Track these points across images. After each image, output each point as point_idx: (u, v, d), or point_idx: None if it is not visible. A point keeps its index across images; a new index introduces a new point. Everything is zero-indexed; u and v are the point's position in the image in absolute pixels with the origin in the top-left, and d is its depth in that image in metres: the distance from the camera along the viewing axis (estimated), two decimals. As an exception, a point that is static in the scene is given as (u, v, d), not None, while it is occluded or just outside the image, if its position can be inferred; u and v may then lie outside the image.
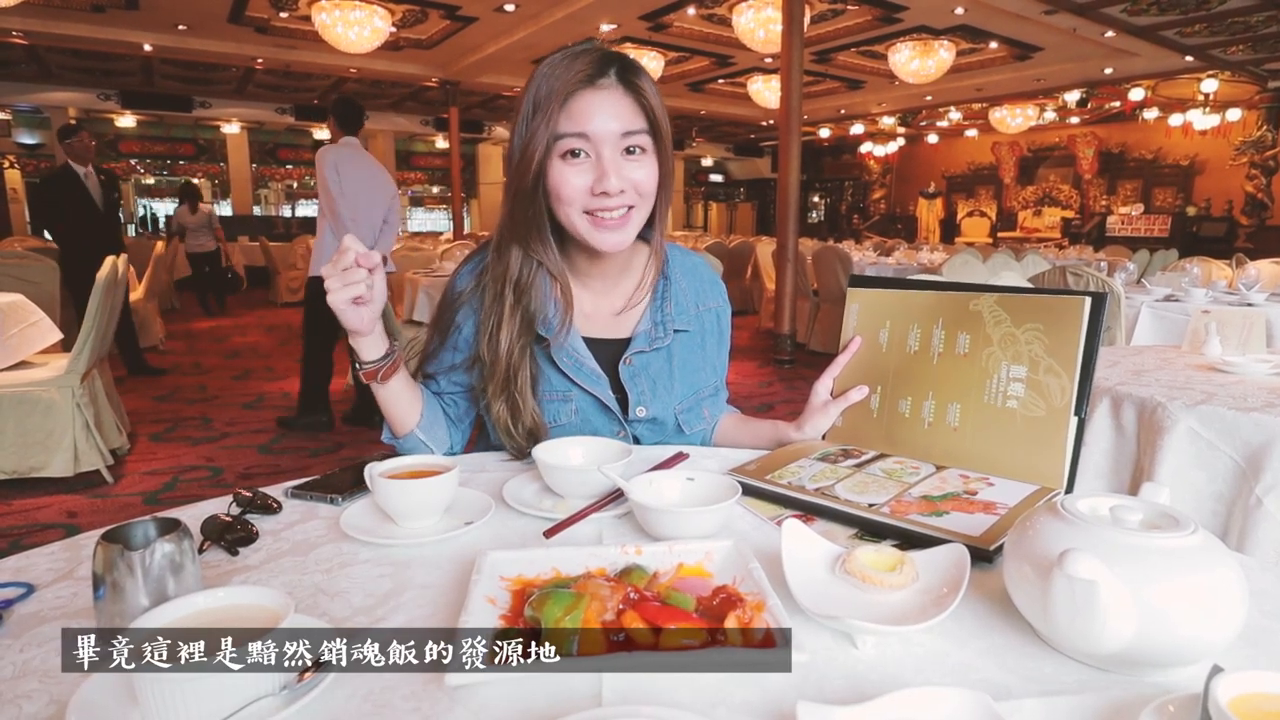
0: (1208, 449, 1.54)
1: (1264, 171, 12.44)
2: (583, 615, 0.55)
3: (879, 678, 0.54)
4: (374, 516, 0.83)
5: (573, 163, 0.98)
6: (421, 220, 19.72)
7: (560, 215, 1.01)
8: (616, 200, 0.98)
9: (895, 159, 17.86)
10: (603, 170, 0.97)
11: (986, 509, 0.80)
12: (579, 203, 0.99)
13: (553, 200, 1.00)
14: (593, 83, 0.97)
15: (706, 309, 1.19)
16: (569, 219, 1.00)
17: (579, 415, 1.09)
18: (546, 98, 0.96)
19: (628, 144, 0.98)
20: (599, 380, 1.08)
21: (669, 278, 1.15)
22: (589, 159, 0.98)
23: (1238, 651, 0.57)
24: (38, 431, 3.05)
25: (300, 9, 8.34)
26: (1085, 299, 0.87)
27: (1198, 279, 3.77)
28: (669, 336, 1.12)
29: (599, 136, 0.96)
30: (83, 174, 4.81)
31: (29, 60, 10.80)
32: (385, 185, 4.10)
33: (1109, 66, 10.37)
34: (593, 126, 0.96)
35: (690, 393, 1.15)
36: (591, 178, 0.97)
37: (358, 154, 4.01)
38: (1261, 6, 7.68)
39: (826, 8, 8.29)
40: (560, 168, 0.98)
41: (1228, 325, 2.09)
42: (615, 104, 0.97)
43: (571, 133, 0.96)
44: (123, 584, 0.57)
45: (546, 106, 0.95)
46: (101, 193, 4.90)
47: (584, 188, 0.98)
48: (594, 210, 0.99)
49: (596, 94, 0.97)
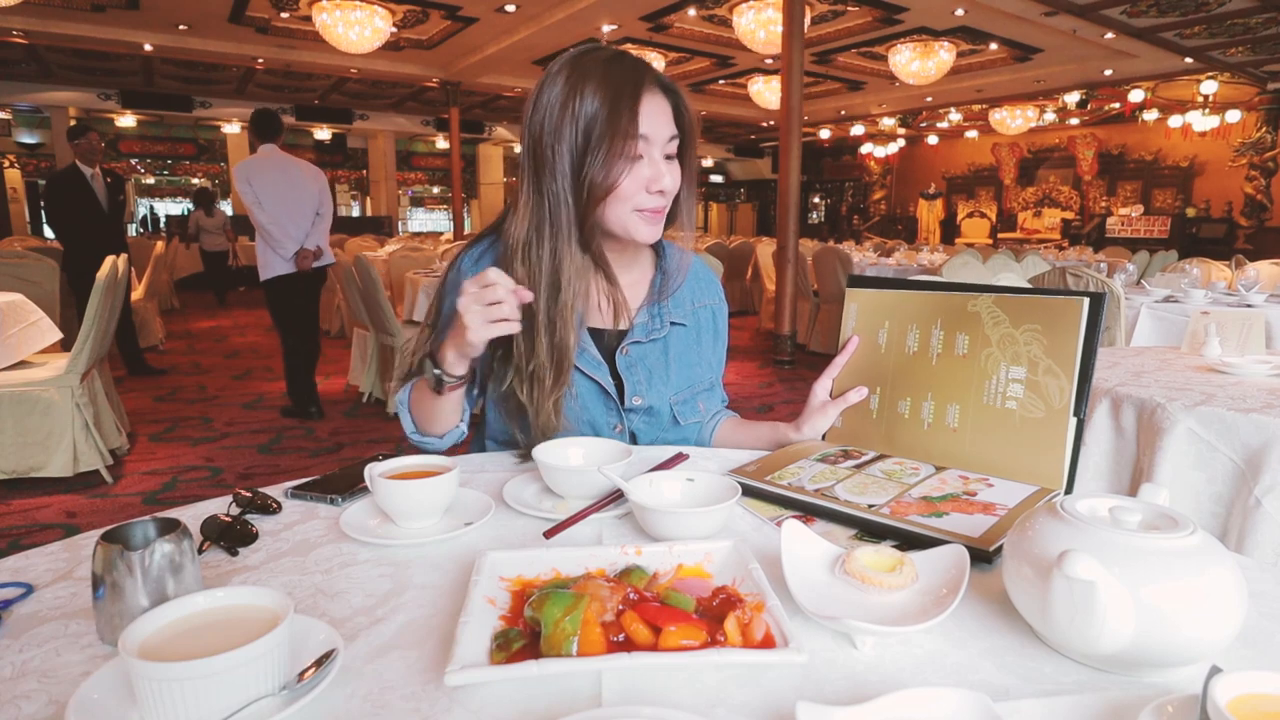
0: (1207, 450, 1.54)
1: (1263, 173, 12.44)
2: (582, 616, 0.55)
3: (878, 678, 0.54)
4: (374, 517, 0.83)
5: (636, 162, 1.02)
6: (422, 220, 19.72)
7: (609, 211, 1.04)
8: (666, 200, 1.05)
9: (895, 160, 17.87)
10: (659, 171, 1.02)
11: (986, 510, 0.80)
12: (634, 200, 1.03)
13: (608, 196, 1.02)
14: (650, 87, 1.01)
15: (703, 306, 1.22)
16: (618, 214, 1.04)
17: (578, 402, 1.10)
18: (616, 97, 0.98)
19: (670, 149, 1.04)
20: (599, 366, 1.11)
21: (666, 273, 1.18)
22: (642, 159, 1.02)
23: (1236, 652, 0.57)
24: (37, 431, 3.05)
25: (301, 9, 8.35)
26: (1084, 300, 0.87)
27: (1197, 280, 3.77)
28: (665, 329, 1.15)
29: (655, 138, 1.02)
30: (89, 175, 4.84)
31: (29, 60, 10.81)
32: (308, 183, 4.25)
33: (1109, 68, 10.38)
34: (653, 129, 1.01)
35: (685, 385, 1.18)
36: (647, 176, 1.02)
37: (272, 159, 4.15)
38: (1261, 8, 7.69)
39: (827, 9, 8.30)
40: (619, 164, 1.01)
41: (1227, 326, 2.09)
42: (665, 109, 1.03)
43: (640, 134, 1.00)
44: (122, 584, 0.57)
45: (617, 106, 0.98)
46: (107, 193, 4.94)
47: (642, 185, 1.02)
48: (644, 208, 1.04)
49: (655, 98, 1.02)
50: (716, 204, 22.69)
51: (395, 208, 16.71)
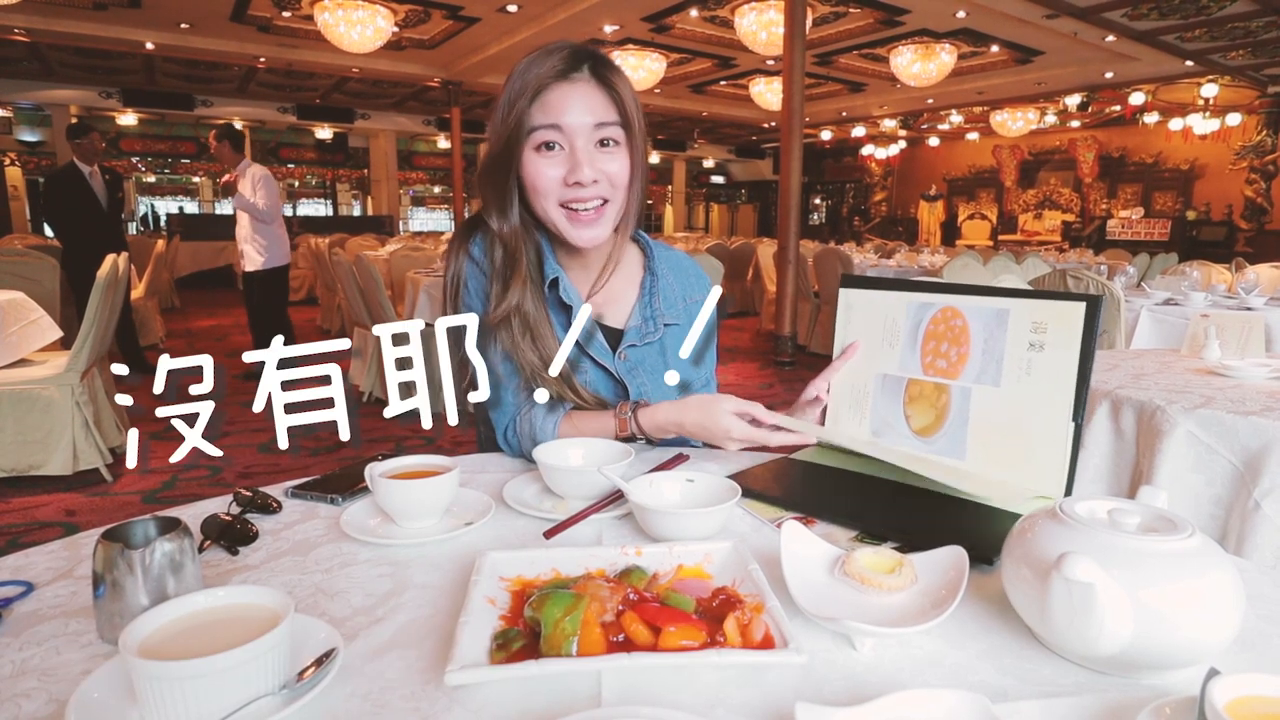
0: (1206, 453, 1.54)
1: (1263, 176, 12.45)
2: (582, 616, 0.55)
3: (877, 679, 0.54)
4: (374, 516, 0.83)
5: (546, 154, 1.00)
6: (422, 220, 19.70)
7: (537, 209, 1.03)
8: (591, 191, 1.01)
9: (896, 161, 17.87)
10: (576, 161, 0.99)
11: None
12: (554, 194, 1.01)
13: (529, 193, 1.02)
14: (565, 76, 0.99)
15: (694, 302, 1.21)
16: (545, 212, 1.03)
17: (590, 389, 1.11)
18: (520, 92, 0.98)
19: (600, 136, 1.01)
20: (606, 352, 1.12)
21: (655, 273, 1.17)
22: (563, 151, 1.00)
23: (1234, 655, 0.57)
24: (37, 429, 3.05)
25: (303, 8, 8.35)
26: (1081, 304, 0.87)
27: (1197, 283, 3.76)
28: (660, 331, 1.15)
29: (572, 128, 0.99)
30: (88, 173, 4.85)
31: (31, 58, 10.80)
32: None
33: (1110, 71, 10.38)
34: (566, 118, 0.99)
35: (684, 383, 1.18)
36: (565, 169, 1.00)
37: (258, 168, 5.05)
38: (1261, 12, 7.69)
39: (828, 10, 8.30)
40: (534, 159, 1.00)
41: (1227, 329, 2.09)
42: (588, 97, 1.00)
43: (545, 124, 0.99)
44: (123, 583, 0.57)
45: (519, 100, 0.98)
46: (106, 191, 4.95)
47: (558, 179, 1.00)
48: (568, 202, 1.02)
49: (570, 87, 0.99)
50: (718, 204, 22.68)
51: (396, 207, 16.70)
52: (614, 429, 1.04)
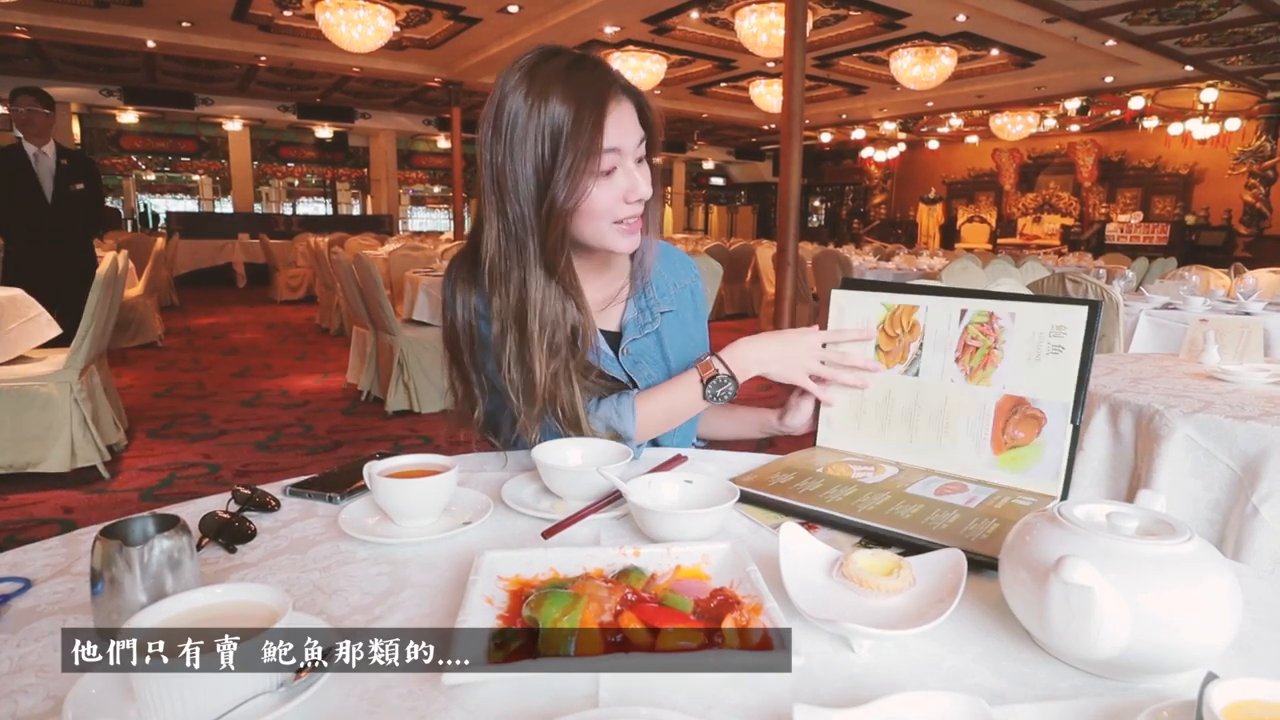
0: (1205, 457, 1.54)
1: (1262, 181, 12.47)
2: (580, 616, 0.55)
3: (875, 681, 0.54)
4: (372, 515, 0.83)
5: (607, 177, 0.96)
6: (422, 220, 19.69)
7: (584, 227, 0.99)
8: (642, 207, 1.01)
9: (896, 164, 17.89)
10: (634, 180, 0.98)
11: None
12: (610, 214, 0.98)
13: (581, 217, 0.97)
14: (616, 94, 0.95)
15: (683, 286, 1.22)
16: (595, 230, 0.99)
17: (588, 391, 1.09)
18: (580, 111, 0.91)
19: (640, 153, 1.00)
20: (611, 358, 1.11)
21: (642, 263, 1.17)
22: (617, 171, 0.97)
23: (1232, 659, 0.57)
24: (34, 426, 3.05)
25: (304, 7, 8.35)
26: (1083, 308, 0.87)
27: (1196, 287, 3.77)
28: (657, 320, 1.15)
29: (626, 148, 0.97)
30: (33, 154, 3.99)
31: (31, 55, 10.79)
32: None
33: (1109, 75, 10.40)
34: (623, 139, 0.95)
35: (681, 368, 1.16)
36: (624, 188, 0.97)
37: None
38: (1261, 18, 7.70)
39: (829, 13, 8.30)
40: (591, 182, 0.95)
41: (1225, 334, 2.09)
42: (630, 113, 0.98)
43: (610, 148, 0.94)
44: (121, 580, 0.57)
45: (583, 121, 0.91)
46: (56, 178, 4.04)
47: (618, 199, 0.98)
48: (622, 218, 1.00)
49: (620, 105, 0.96)
50: (717, 206, 22.69)
51: (396, 207, 16.71)
52: (696, 379, 1.04)
